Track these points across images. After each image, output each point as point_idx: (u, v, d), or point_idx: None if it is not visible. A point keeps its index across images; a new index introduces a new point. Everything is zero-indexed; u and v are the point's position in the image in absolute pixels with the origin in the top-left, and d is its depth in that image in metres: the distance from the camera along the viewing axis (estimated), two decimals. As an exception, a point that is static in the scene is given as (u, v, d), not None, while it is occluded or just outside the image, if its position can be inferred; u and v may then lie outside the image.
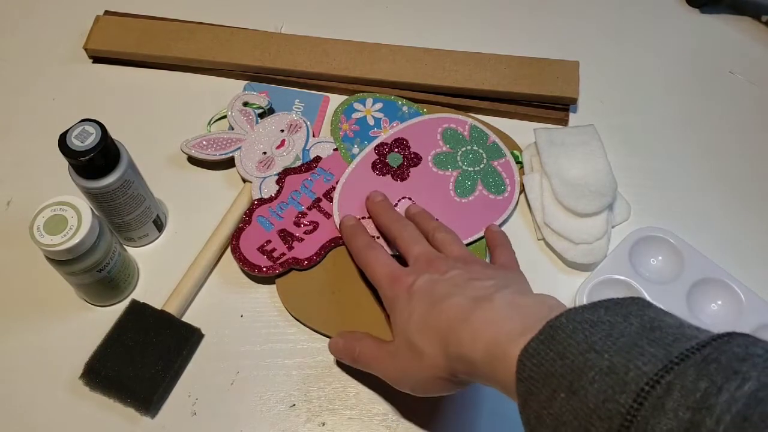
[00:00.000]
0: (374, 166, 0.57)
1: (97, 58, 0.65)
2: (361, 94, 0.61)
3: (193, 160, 0.59)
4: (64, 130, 0.46)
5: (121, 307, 0.51)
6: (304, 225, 0.54)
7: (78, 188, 0.48)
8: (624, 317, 0.31)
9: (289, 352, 0.51)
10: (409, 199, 0.56)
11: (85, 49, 0.64)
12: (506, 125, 0.61)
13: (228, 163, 0.58)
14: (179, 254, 0.54)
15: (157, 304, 0.51)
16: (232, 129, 0.59)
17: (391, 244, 0.52)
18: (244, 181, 0.57)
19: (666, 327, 0.30)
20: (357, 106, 0.61)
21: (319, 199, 0.55)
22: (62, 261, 0.46)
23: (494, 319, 0.37)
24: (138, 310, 0.50)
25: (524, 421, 0.33)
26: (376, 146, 0.58)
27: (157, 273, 0.54)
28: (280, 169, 0.57)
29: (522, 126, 0.61)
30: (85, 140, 0.45)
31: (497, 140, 0.59)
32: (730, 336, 0.29)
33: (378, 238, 0.53)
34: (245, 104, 0.60)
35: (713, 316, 0.51)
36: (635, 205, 0.57)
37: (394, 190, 0.56)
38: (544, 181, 0.56)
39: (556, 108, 0.61)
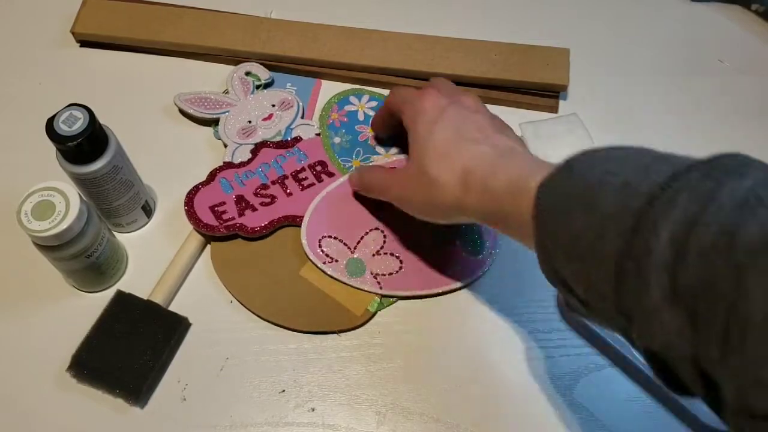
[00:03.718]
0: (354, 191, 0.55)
1: (85, 42, 0.64)
2: (360, 88, 0.61)
3: (184, 114, 0.60)
4: (52, 114, 0.45)
5: (110, 293, 0.50)
6: (262, 197, 0.54)
7: (66, 173, 0.48)
8: (638, 152, 0.34)
9: (278, 338, 0.51)
10: (381, 231, 0.53)
11: (73, 33, 0.63)
12: (496, 112, 0.60)
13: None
14: (168, 240, 0.54)
15: (146, 289, 0.51)
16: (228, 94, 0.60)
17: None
18: (225, 145, 0.57)
19: (677, 157, 0.32)
20: (352, 99, 0.60)
21: (285, 176, 0.55)
22: (50, 247, 0.46)
23: (520, 162, 0.40)
24: (124, 300, 0.50)
25: (538, 247, 0.35)
26: None
27: (147, 259, 0.54)
28: (259, 140, 0.57)
29: (511, 113, 0.61)
30: (72, 125, 0.45)
31: None
32: (734, 153, 0.31)
33: (372, 230, 0.53)
34: (247, 74, 0.61)
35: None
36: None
37: (368, 218, 0.54)
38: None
39: (546, 95, 0.61)
